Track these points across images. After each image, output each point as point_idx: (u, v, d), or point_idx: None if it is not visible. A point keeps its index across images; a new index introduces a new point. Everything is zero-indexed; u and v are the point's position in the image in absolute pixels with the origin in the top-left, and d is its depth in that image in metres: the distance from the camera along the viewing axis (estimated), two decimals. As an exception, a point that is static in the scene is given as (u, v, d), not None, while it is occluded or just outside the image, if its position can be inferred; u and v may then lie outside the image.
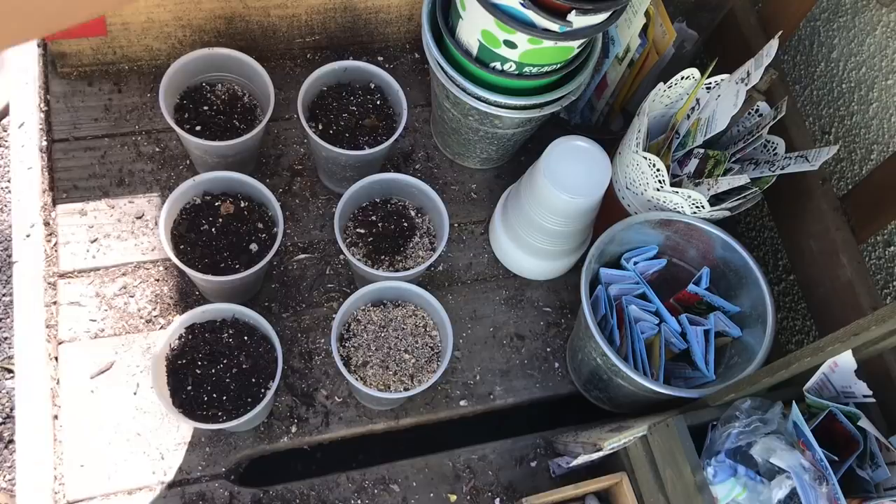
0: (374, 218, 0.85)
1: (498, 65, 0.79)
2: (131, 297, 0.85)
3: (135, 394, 0.81)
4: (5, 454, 1.43)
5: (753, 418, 0.63)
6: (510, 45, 0.76)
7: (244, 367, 0.75)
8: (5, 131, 1.68)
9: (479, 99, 0.82)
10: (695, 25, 0.95)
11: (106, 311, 0.84)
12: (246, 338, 0.76)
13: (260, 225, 0.81)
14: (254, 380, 0.74)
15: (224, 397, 0.73)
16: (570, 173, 0.80)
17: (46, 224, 0.86)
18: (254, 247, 0.80)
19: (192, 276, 0.78)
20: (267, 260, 0.77)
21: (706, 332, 0.80)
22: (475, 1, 0.73)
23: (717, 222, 0.81)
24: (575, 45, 0.78)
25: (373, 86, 0.90)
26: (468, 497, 0.83)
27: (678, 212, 0.80)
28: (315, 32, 0.99)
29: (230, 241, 0.80)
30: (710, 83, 0.83)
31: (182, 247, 0.78)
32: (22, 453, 0.75)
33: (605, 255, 0.81)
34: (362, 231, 0.84)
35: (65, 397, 0.79)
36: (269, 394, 0.73)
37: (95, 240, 0.87)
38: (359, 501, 0.81)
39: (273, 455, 0.83)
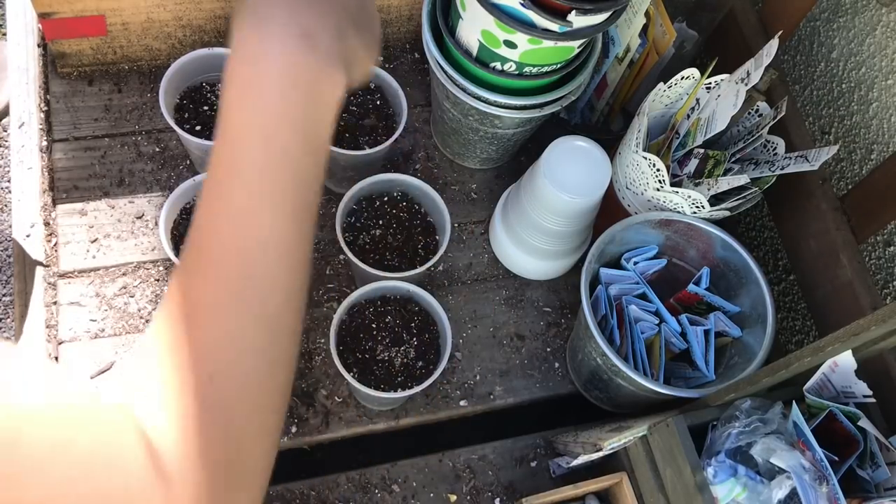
0: (374, 218, 0.85)
1: (498, 65, 0.79)
2: (131, 297, 0.85)
3: (135, 394, 0.81)
4: (5, 454, 1.43)
5: (753, 418, 0.63)
6: (510, 45, 0.76)
7: (244, 367, 0.74)
8: (5, 131, 1.68)
9: (479, 99, 0.82)
10: (695, 25, 0.95)
11: (106, 311, 0.84)
12: (246, 338, 0.76)
13: (260, 225, 0.81)
14: (254, 380, 0.74)
15: (224, 397, 0.73)
16: (570, 173, 0.80)
17: (46, 224, 0.86)
18: (254, 247, 0.80)
19: (192, 276, 0.78)
20: (267, 260, 0.77)
21: (706, 332, 0.80)
22: (475, 1, 0.73)
23: (717, 222, 0.81)
24: (575, 45, 0.78)
25: (373, 86, 0.90)
26: (468, 497, 0.83)
27: (678, 212, 0.80)
28: (315, 32, 0.99)
29: (230, 241, 0.79)
30: (710, 83, 0.83)
31: (182, 247, 0.78)
32: (22, 453, 0.75)
33: (605, 255, 0.81)
34: (362, 231, 0.84)
35: (65, 397, 0.79)
36: (269, 394, 0.72)
37: (95, 240, 0.87)
38: (359, 501, 0.81)
39: (273, 455, 0.83)
